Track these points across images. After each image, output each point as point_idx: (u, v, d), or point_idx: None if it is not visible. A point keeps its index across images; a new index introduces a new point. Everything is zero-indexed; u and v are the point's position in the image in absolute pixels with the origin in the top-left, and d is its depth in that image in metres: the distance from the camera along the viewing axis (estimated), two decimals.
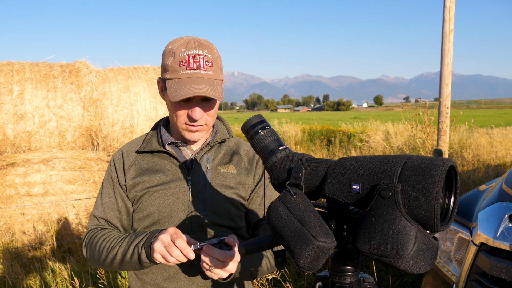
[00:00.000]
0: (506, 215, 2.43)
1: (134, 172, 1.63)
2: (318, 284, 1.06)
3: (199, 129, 1.58)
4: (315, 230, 0.83)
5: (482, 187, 3.28)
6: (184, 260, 1.33)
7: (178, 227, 1.58)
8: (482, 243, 2.44)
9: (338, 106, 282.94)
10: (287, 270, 4.09)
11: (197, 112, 1.52)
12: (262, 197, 1.76)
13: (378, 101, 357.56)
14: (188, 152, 1.68)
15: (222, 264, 1.33)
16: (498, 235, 2.35)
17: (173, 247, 1.32)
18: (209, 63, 1.50)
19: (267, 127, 1.07)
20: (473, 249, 2.48)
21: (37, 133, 6.18)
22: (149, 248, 1.40)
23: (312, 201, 0.94)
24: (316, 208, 0.92)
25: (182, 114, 1.55)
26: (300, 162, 0.97)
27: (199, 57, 1.49)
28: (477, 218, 2.61)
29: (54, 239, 5.37)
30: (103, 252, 1.54)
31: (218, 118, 1.80)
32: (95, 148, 6.69)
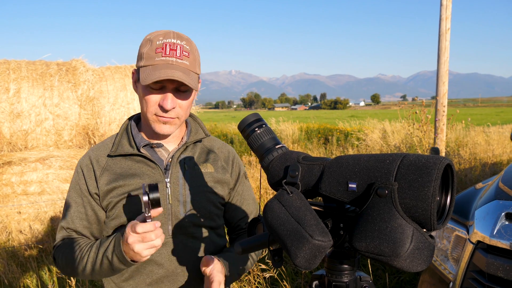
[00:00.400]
0: (503, 213, 2.43)
1: (107, 178, 1.53)
2: (314, 283, 1.06)
3: (170, 121, 1.50)
4: (311, 228, 0.83)
5: (479, 185, 3.29)
6: (161, 231, 1.31)
7: None
8: (479, 241, 2.44)
9: (335, 105, 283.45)
10: (284, 269, 4.09)
11: (169, 100, 1.44)
12: (241, 195, 1.75)
13: (375, 99, 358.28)
14: (163, 153, 1.61)
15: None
16: (494, 233, 2.35)
17: (148, 234, 1.28)
18: (186, 54, 1.45)
19: (264, 125, 1.06)
20: (470, 247, 2.48)
21: (33, 131, 6.16)
22: (121, 253, 1.35)
23: (308, 199, 0.94)
24: (313, 207, 0.92)
25: (153, 104, 1.46)
26: (296, 161, 0.97)
27: (177, 46, 1.43)
28: (473, 216, 2.61)
29: (51, 238, 5.35)
30: (72, 263, 1.48)
31: (191, 116, 1.74)
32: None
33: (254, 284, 3.75)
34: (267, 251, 4.11)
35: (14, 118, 6.06)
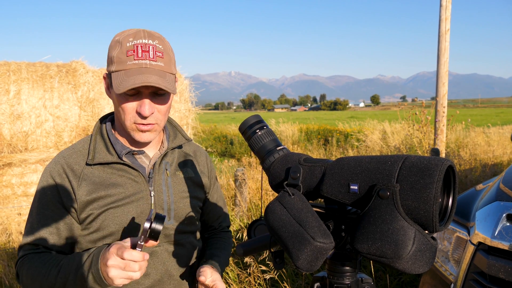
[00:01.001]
0: (504, 215, 2.43)
1: (86, 188, 1.41)
2: (316, 284, 1.06)
3: (150, 128, 1.41)
4: (313, 230, 0.83)
5: (479, 186, 3.28)
6: (145, 265, 1.24)
7: None
8: (480, 243, 2.44)
9: (335, 106, 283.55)
10: (284, 271, 4.09)
11: (146, 106, 1.35)
12: (215, 198, 1.77)
13: (375, 100, 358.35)
14: (144, 160, 1.53)
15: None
16: (496, 234, 2.35)
17: (131, 264, 1.20)
18: (160, 54, 1.36)
19: (265, 127, 1.06)
20: (471, 249, 2.48)
21: (33, 133, 6.15)
22: (98, 273, 1.24)
23: (310, 201, 0.93)
24: (314, 209, 0.92)
25: (130, 111, 1.37)
26: (298, 162, 0.96)
27: (149, 47, 1.34)
28: (474, 218, 2.61)
29: None
30: (39, 279, 1.34)
31: (167, 120, 1.66)
32: None
33: (255, 285, 3.75)
34: (268, 253, 4.10)
35: (14, 119, 6.05)
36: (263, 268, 3.64)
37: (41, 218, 1.42)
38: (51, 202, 1.42)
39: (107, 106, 6.65)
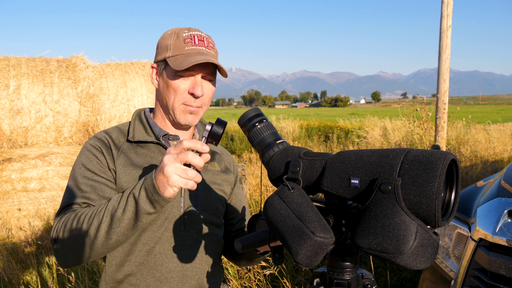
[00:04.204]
0: (505, 211, 2.41)
1: (123, 161, 1.50)
2: (316, 280, 1.04)
3: (197, 110, 1.53)
4: (313, 225, 0.81)
5: (480, 183, 3.27)
6: (202, 163, 1.15)
7: (172, 223, 1.52)
8: (481, 239, 2.43)
9: (335, 102, 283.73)
10: (284, 266, 4.08)
11: (200, 86, 1.48)
12: (239, 198, 1.79)
13: (375, 97, 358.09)
14: None
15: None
16: (497, 230, 2.34)
17: (192, 156, 1.14)
18: (212, 45, 1.54)
19: (264, 120, 1.05)
20: (471, 245, 2.46)
21: (33, 128, 6.14)
22: (152, 182, 1.19)
23: (310, 195, 0.92)
24: (314, 203, 0.91)
25: (182, 91, 1.49)
26: (298, 156, 0.95)
27: (203, 37, 1.52)
28: (475, 214, 2.59)
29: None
30: (83, 226, 1.28)
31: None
32: None
33: (254, 281, 3.74)
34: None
35: (14, 115, 6.04)
36: (263, 264, 3.63)
37: (83, 180, 1.45)
38: (99, 165, 1.49)
39: (107, 102, 6.63)
